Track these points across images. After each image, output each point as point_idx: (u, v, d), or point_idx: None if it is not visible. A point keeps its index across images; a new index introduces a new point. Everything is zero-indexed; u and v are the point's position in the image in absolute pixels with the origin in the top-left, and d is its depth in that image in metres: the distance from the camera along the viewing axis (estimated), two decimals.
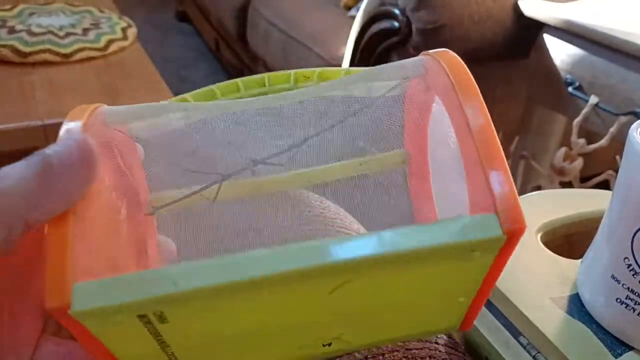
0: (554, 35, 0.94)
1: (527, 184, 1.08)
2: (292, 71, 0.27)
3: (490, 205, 0.20)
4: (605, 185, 0.90)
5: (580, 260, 0.35)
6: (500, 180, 0.20)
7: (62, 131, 0.21)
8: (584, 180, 0.97)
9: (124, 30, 1.19)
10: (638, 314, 0.29)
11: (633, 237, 0.28)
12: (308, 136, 0.26)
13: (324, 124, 0.26)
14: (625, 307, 0.29)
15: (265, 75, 0.27)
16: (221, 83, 0.27)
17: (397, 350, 0.31)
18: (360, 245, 0.19)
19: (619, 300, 0.30)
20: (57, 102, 0.97)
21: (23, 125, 0.92)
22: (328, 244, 0.19)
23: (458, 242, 0.19)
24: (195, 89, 0.26)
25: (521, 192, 1.10)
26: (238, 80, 0.27)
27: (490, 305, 0.34)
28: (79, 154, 0.20)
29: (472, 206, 0.21)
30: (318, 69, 0.27)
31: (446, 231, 0.19)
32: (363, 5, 1.04)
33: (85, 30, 1.15)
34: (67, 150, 0.20)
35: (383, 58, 1.01)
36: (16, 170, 0.19)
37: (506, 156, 0.21)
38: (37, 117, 0.93)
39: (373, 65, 0.28)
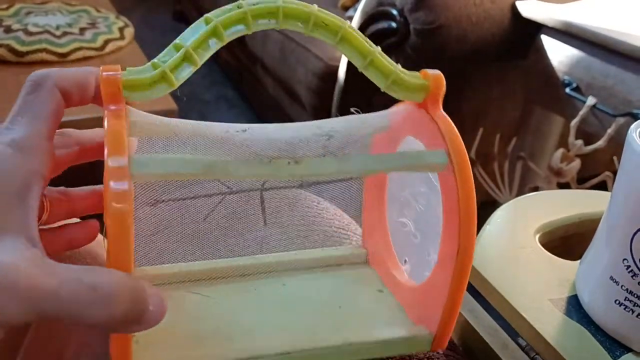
0: (552, 37, 0.94)
1: (525, 185, 1.08)
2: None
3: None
4: (602, 186, 0.90)
5: (578, 261, 0.34)
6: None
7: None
8: (581, 181, 0.97)
9: (121, 30, 1.19)
10: (637, 316, 0.29)
11: (632, 238, 0.28)
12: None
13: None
14: (624, 309, 0.29)
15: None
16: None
17: None
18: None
19: (617, 302, 0.29)
20: None
21: None
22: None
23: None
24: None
25: (519, 193, 1.10)
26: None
27: (488, 307, 0.34)
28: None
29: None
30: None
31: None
32: (361, 6, 1.04)
33: (82, 30, 1.15)
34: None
35: None
36: None
37: (504, 157, 0.21)
38: None
39: None
